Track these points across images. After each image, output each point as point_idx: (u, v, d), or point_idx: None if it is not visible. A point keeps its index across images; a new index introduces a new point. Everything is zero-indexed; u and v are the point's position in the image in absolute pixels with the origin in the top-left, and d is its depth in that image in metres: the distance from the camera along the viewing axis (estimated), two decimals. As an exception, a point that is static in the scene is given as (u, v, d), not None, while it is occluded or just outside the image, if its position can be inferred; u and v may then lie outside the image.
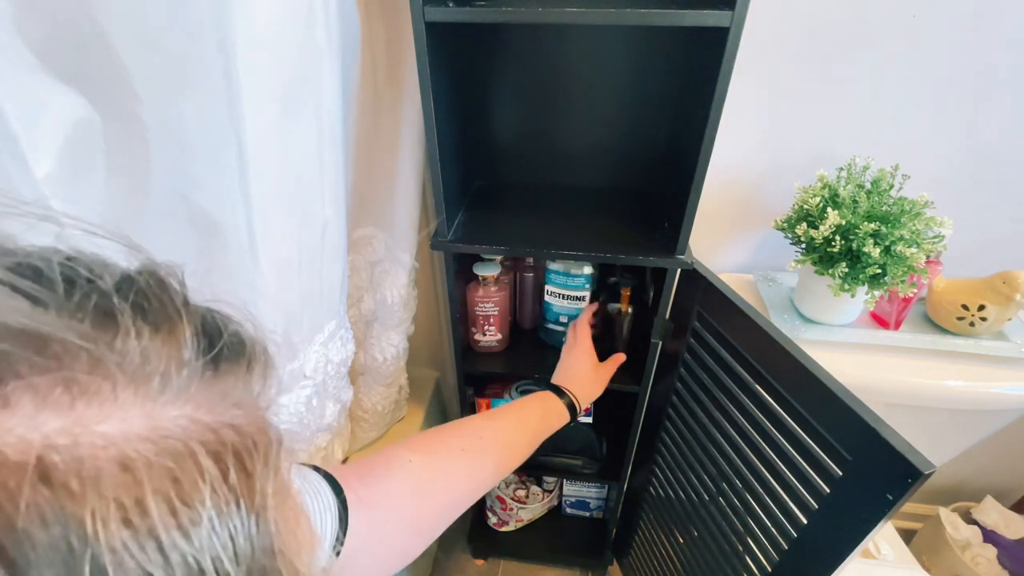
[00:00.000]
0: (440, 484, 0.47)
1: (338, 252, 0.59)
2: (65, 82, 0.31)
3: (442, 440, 0.50)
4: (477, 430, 0.53)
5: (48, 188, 0.31)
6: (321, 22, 0.45)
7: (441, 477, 0.47)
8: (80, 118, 0.32)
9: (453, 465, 0.49)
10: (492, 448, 0.53)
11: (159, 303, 0.17)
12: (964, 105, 0.72)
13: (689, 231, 0.62)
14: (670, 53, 0.69)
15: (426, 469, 0.46)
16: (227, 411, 0.17)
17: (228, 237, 0.42)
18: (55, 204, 0.31)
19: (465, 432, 0.52)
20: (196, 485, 0.15)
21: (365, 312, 0.84)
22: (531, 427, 0.59)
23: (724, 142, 0.66)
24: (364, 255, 0.79)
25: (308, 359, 0.56)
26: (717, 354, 0.64)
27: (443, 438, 0.51)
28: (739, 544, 0.65)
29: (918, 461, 0.39)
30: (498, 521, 1.22)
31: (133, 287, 0.16)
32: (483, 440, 0.52)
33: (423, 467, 0.46)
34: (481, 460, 0.51)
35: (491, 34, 0.72)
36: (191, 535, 0.14)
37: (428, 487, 0.46)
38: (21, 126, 0.28)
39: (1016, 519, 1.06)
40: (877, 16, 0.67)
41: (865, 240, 0.60)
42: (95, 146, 0.34)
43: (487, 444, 0.52)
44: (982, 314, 0.67)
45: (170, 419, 0.15)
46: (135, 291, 0.16)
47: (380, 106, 0.67)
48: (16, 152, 0.28)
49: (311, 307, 0.54)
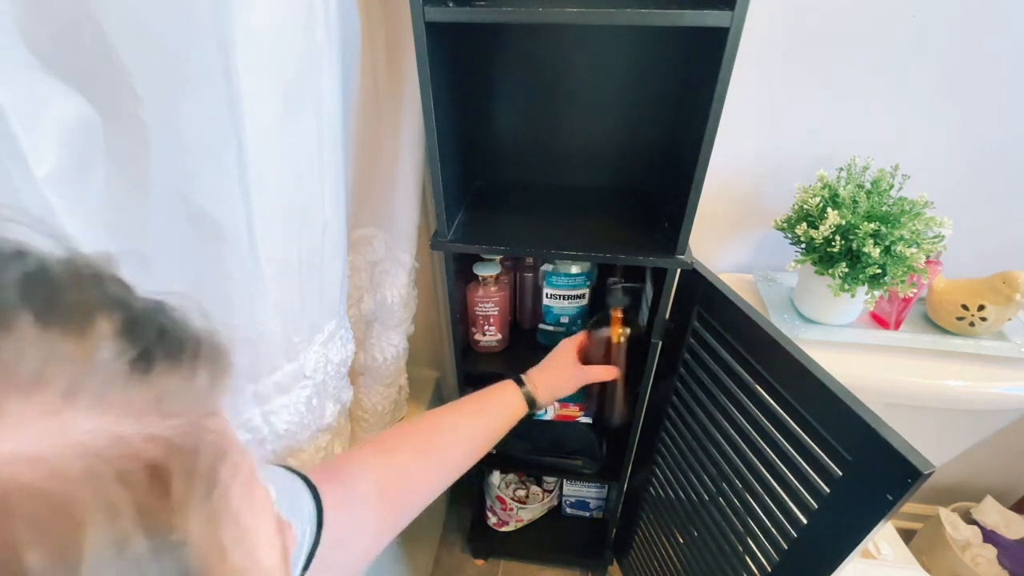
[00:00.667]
0: (405, 484, 0.48)
1: (338, 252, 0.59)
2: (65, 82, 0.31)
3: (404, 438, 0.51)
4: (436, 427, 0.54)
5: (48, 188, 0.31)
6: (321, 22, 0.45)
7: (406, 477, 0.48)
8: (80, 118, 0.32)
9: (416, 464, 0.50)
10: (453, 444, 0.54)
11: (75, 298, 0.15)
12: (964, 105, 0.72)
13: (689, 231, 0.62)
14: (670, 53, 0.69)
15: (391, 470, 0.47)
16: (160, 420, 0.15)
17: (228, 237, 0.42)
18: (55, 203, 0.31)
19: (424, 429, 0.53)
20: (90, 518, 0.12)
21: (365, 312, 0.84)
22: (491, 421, 0.59)
23: (724, 142, 0.66)
24: (364, 255, 0.79)
25: (308, 359, 0.56)
26: (717, 354, 0.64)
27: (405, 436, 0.51)
28: (739, 544, 0.65)
29: (918, 461, 0.39)
30: (498, 521, 1.21)
31: (44, 280, 0.14)
32: (444, 437, 0.53)
33: (388, 469, 0.47)
34: (442, 457, 0.53)
35: (491, 34, 0.72)
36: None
37: (394, 488, 0.47)
38: (21, 126, 0.28)
39: (1016, 519, 1.06)
40: (877, 16, 0.67)
41: (865, 240, 0.60)
42: (95, 146, 0.34)
43: (448, 440, 0.54)
44: (982, 314, 0.67)
45: (80, 433, 0.13)
46: (45, 284, 0.14)
47: (380, 106, 0.67)
48: (16, 152, 0.28)
49: (311, 307, 0.54)
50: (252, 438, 0.55)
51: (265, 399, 0.54)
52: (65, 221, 0.32)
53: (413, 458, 0.50)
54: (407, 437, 0.51)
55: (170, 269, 0.42)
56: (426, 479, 0.51)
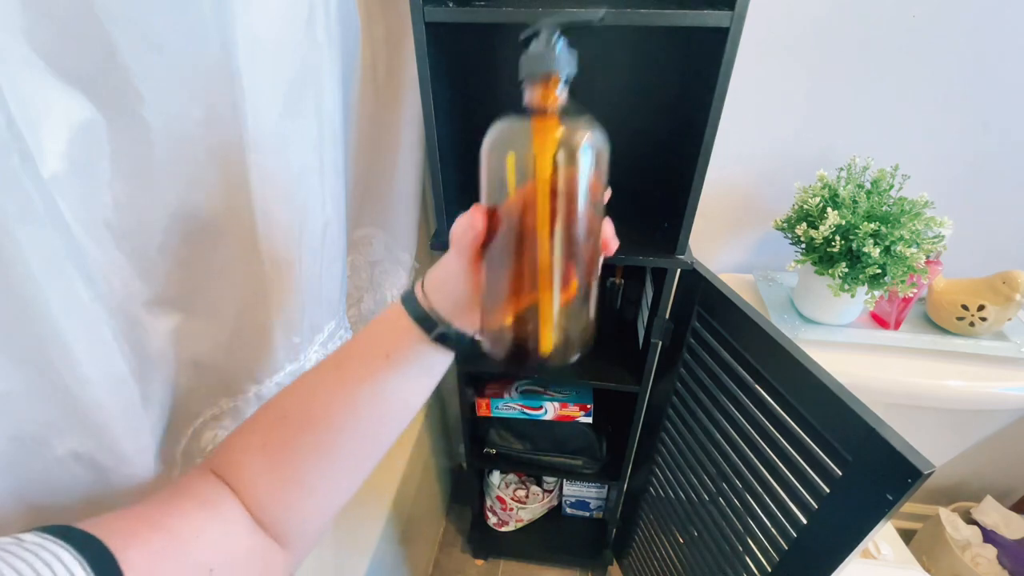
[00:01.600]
0: (291, 515, 0.34)
1: (338, 252, 0.59)
2: (69, 83, 0.31)
3: (284, 441, 0.34)
4: (320, 412, 0.34)
5: (54, 188, 0.31)
6: (321, 22, 0.45)
7: (291, 501, 0.33)
8: (85, 119, 0.33)
9: (304, 481, 0.34)
10: (350, 433, 0.35)
11: None
12: (964, 105, 0.72)
13: (689, 231, 0.62)
14: (670, 53, 0.69)
15: (269, 496, 0.33)
16: None
17: (229, 237, 0.42)
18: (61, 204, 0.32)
19: (294, 418, 0.34)
20: None
21: (365, 312, 0.84)
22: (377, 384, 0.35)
23: (724, 142, 0.66)
24: (364, 255, 0.79)
25: (308, 359, 0.56)
26: (717, 354, 0.64)
27: (283, 437, 0.34)
28: (739, 544, 0.65)
29: (918, 461, 0.39)
30: (498, 521, 1.22)
31: None
32: (332, 426, 0.34)
33: (262, 497, 0.32)
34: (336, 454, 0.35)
35: (491, 34, 0.72)
36: None
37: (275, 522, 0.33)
38: (27, 127, 0.28)
39: (1016, 519, 1.06)
40: (877, 16, 0.67)
41: (865, 240, 0.60)
42: (100, 147, 0.34)
43: (346, 433, 0.35)
44: (982, 314, 0.67)
45: None
46: None
47: (380, 106, 0.67)
48: (24, 152, 0.28)
49: (311, 307, 0.54)
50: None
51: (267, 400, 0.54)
52: (70, 222, 0.32)
53: (304, 472, 0.34)
54: (291, 442, 0.34)
55: (171, 269, 0.42)
56: (326, 501, 0.36)
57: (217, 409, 0.52)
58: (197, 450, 0.51)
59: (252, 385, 0.52)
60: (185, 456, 0.49)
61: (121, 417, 0.37)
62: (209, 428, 0.52)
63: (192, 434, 0.50)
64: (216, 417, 0.53)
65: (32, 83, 0.30)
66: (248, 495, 0.33)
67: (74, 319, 0.32)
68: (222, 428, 0.54)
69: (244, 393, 0.52)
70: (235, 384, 0.52)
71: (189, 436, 0.50)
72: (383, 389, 0.34)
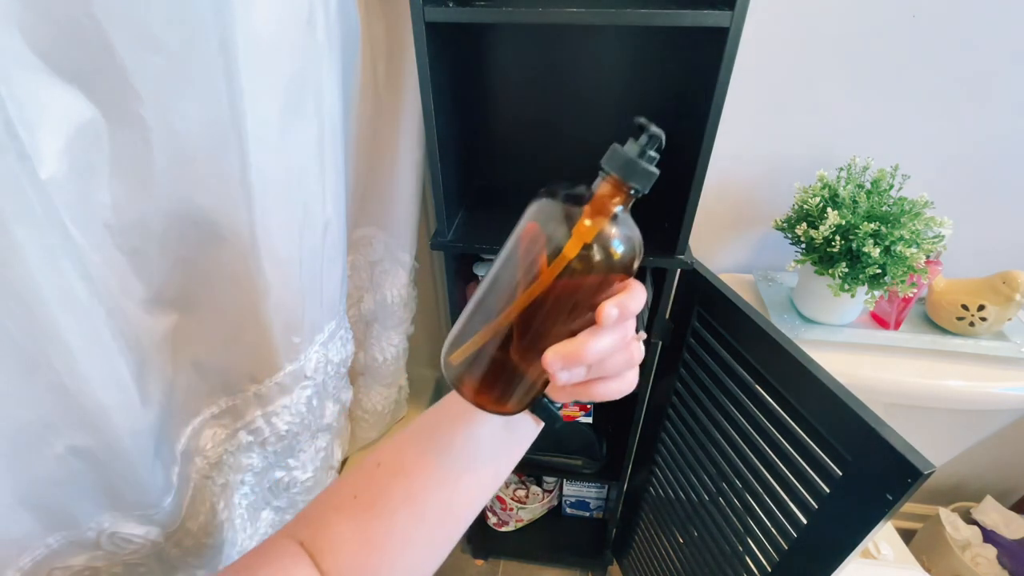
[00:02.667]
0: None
1: (338, 252, 0.59)
2: (68, 83, 0.31)
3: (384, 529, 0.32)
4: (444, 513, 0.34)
5: (52, 189, 0.31)
6: (321, 22, 0.45)
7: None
8: (84, 119, 0.32)
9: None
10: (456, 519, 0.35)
11: None
12: (964, 105, 0.72)
13: (689, 231, 0.62)
14: (670, 53, 0.69)
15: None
16: None
17: (229, 237, 0.42)
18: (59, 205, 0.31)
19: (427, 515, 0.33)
20: None
21: (365, 312, 0.84)
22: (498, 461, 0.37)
23: (724, 142, 0.66)
24: (364, 255, 0.79)
25: (308, 359, 0.56)
26: (717, 354, 0.64)
27: (378, 485, 0.33)
28: (739, 544, 0.65)
29: (918, 461, 0.39)
30: (498, 521, 1.22)
31: None
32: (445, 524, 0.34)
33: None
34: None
35: (491, 34, 0.72)
36: None
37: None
38: (25, 127, 0.28)
39: (1016, 519, 1.06)
40: (877, 16, 0.67)
41: (865, 240, 0.60)
42: (99, 147, 0.34)
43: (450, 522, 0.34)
44: (982, 314, 0.67)
45: None
46: None
47: (380, 106, 0.67)
48: (22, 153, 0.28)
49: (311, 307, 0.54)
50: (254, 440, 0.55)
51: (267, 400, 0.54)
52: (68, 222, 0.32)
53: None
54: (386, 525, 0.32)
55: (170, 269, 0.42)
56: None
57: (216, 408, 0.52)
58: (196, 448, 0.51)
59: (252, 384, 0.52)
60: (184, 454, 0.49)
61: (120, 416, 0.37)
62: (209, 427, 0.52)
63: (191, 433, 0.50)
64: (216, 416, 0.53)
65: (30, 83, 0.30)
66: (330, 561, 0.31)
67: (72, 318, 0.32)
68: (221, 427, 0.54)
69: (244, 392, 0.52)
70: (235, 383, 0.52)
71: (188, 435, 0.50)
72: (476, 449, 0.35)
